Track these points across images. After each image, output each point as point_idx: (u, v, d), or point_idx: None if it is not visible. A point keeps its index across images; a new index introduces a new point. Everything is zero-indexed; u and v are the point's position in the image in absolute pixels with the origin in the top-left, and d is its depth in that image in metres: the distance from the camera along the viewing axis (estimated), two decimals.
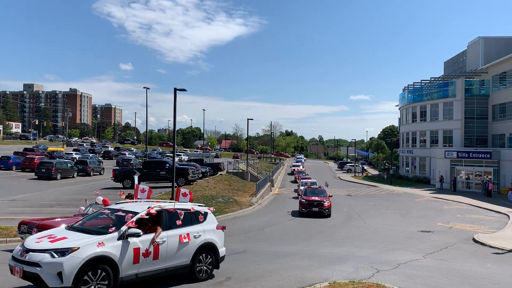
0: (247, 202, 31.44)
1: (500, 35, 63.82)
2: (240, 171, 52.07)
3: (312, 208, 26.77)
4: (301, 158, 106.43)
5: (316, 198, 27.74)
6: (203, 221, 10.84)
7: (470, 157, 48.70)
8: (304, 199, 27.85)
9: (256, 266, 12.39)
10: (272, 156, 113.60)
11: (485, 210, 32.66)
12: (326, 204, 27.09)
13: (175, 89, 23.52)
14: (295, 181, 56.71)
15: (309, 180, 43.60)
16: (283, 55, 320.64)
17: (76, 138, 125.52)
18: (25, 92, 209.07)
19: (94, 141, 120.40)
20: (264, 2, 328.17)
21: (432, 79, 63.14)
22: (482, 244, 18.55)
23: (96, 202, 15.36)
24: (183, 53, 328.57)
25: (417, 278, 11.55)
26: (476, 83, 56.24)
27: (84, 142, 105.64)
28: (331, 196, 30.01)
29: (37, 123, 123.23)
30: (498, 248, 17.57)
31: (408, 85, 66.80)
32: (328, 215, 26.78)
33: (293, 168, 73.14)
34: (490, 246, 17.99)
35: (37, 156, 45.93)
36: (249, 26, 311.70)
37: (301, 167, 71.63)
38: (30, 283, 8.90)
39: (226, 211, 26.20)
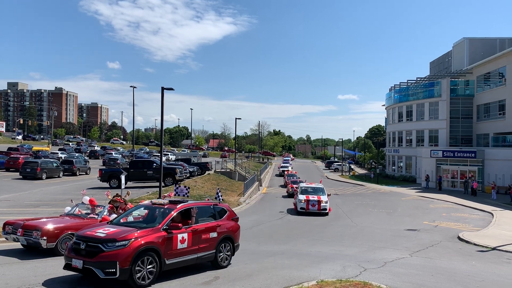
0: (235, 202, 31.42)
1: (485, 35, 64.82)
2: (228, 170, 52.01)
3: None
4: (288, 159, 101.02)
5: None
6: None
7: (455, 156, 49.38)
8: None
9: (244, 265, 12.40)
10: (260, 155, 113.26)
11: (470, 208, 33.11)
12: None
13: (163, 88, 23.40)
14: (284, 186, 48.78)
15: (313, 186, 31.35)
16: (272, 54, 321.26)
17: (95, 142, 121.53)
18: (9, 91, 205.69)
19: (125, 142, 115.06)
20: (254, 1, 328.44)
21: (418, 79, 63.85)
22: (467, 242, 18.83)
23: (82, 202, 15.26)
24: (171, 51, 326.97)
25: (403, 276, 11.67)
26: (461, 83, 57.04)
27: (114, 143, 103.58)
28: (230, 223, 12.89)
29: (21, 122, 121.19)
30: (483, 246, 17.86)
31: (395, 85, 67.39)
32: None
33: (281, 170, 68.88)
34: (475, 244, 18.27)
35: (21, 156, 45.25)
36: (238, 25, 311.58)
37: (290, 168, 68.65)
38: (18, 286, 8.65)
39: None
